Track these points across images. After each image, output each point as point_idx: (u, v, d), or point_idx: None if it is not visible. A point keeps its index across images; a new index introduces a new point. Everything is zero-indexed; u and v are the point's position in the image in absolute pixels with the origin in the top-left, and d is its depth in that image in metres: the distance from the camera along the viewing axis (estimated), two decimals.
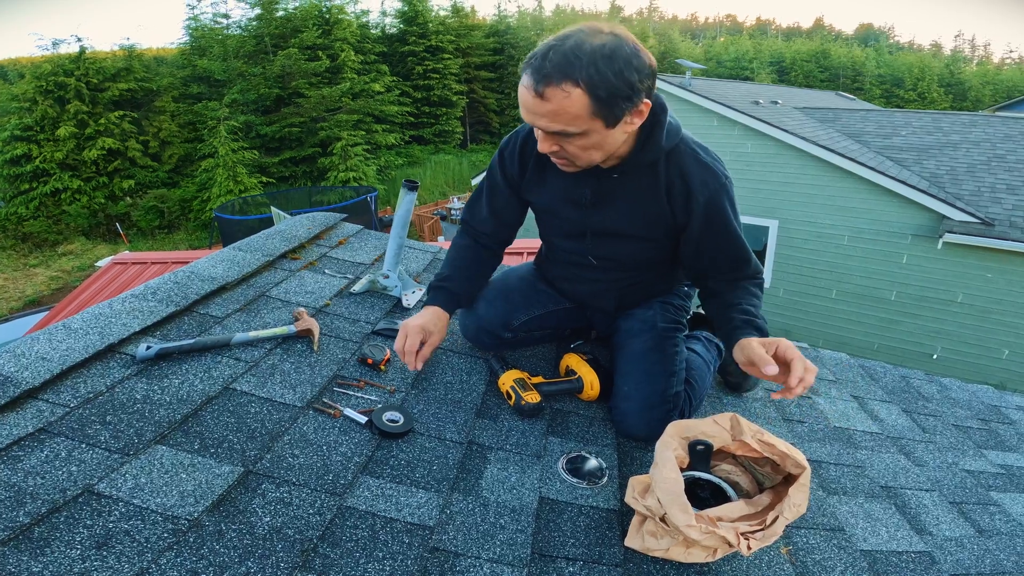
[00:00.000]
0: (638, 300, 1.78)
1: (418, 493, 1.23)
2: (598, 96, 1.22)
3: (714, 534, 1.05)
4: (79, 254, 18.66)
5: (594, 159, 1.38)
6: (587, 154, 1.35)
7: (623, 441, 1.59)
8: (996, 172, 9.37)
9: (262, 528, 1.04)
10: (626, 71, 1.22)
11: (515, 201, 1.72)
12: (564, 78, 1.20)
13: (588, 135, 1.29)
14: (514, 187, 1.69)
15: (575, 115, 1.24)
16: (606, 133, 1.30)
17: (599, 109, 1.24)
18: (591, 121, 1.26)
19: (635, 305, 1.78)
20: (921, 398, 2.43)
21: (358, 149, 22.71)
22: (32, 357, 1.32)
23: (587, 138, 1.30)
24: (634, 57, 1.23)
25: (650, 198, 1.50)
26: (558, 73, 1.20)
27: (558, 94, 1.21)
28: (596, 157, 1.37)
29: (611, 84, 1.21)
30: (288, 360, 1.57)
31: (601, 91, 1.21)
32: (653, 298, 1.78)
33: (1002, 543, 1.56)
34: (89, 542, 0.93)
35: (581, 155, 1.36)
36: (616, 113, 1.26)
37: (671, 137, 1.44)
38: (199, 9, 31.52)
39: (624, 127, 1.31)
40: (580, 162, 1.38)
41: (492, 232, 1.80)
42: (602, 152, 1.37)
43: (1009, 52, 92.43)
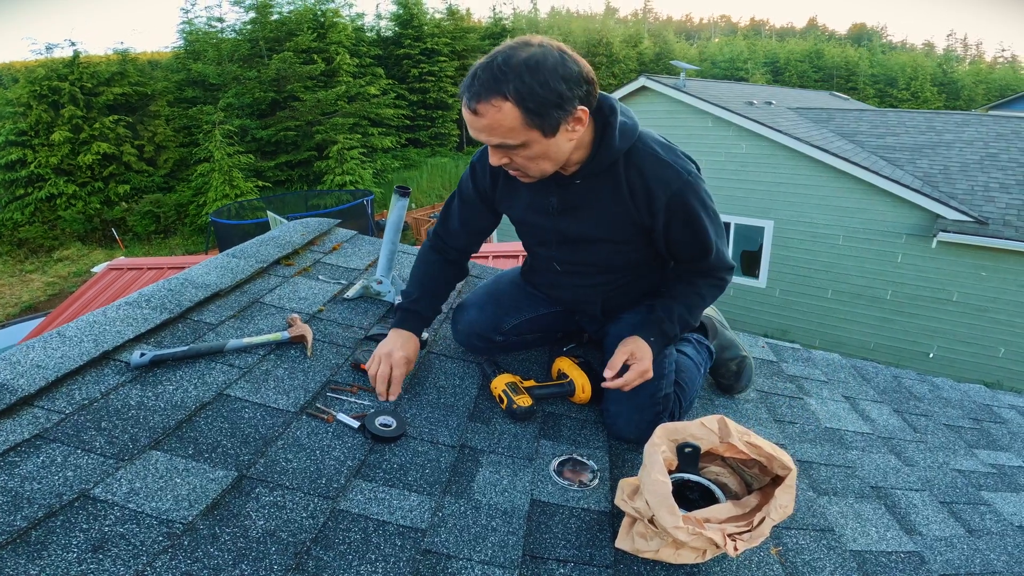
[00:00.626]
0: (625, 303, 1.79)
1: (411, 496, 1.24)
2: (527, 107, 1.26)
3: (701, 535, 1.07)
4: (75, 260, 18.62)
5: (545, 169, 1.41)
6: (536, 164, 1.38)
7: (614, 443, 1.60)
8: (989, 171, 9.42)
9: (256, 531, 1.06)
10: (552, 81, 1.25)
11: (487, 213, 1.76)
12: (493, 93, 1.25)
13: (529, 146, 1.33)
14: (486, 200, 1.72)
15: (509, 127, 1.28)
16: (548, 143, 1.34)
17: (531, 120, 1.28)
18: (527, 132, 1.30)
19: (623, 308, 1.79)
20: (913, 398, 2.45)
21: (354, 152, 22.69)
22: (27, 365, 1.33)
23: (529, 149, 1.34)
24: (560, 66, 1.27)
25: (614, 201, 1.52)
26: (486, 90, 1.25)
27: (490, 110, 1.27)
28: (547, 167, 1.40)
29: (538, 95, 1.25)
30: (282, 366, 1.58)
31: (530, 102, 1.26)
32: (641, 301, 1.80)
33: (992, 543, 1.57)
34: (85, 546, 0.95)
35: (531, 166, 1.38)
36: (550, 123, 1.30)
37: (626, 137, 1.45)
38: (193, 13, 31.52)
39: (567, 135, 1.35)
40: (532, 172, 1.41)
41: (463, 247, 1.83)
42: (551, 162, 1.39)
43: (1001, 51, 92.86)
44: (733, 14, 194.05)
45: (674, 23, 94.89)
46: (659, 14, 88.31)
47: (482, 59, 1.30)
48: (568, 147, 1.38)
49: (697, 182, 1.50)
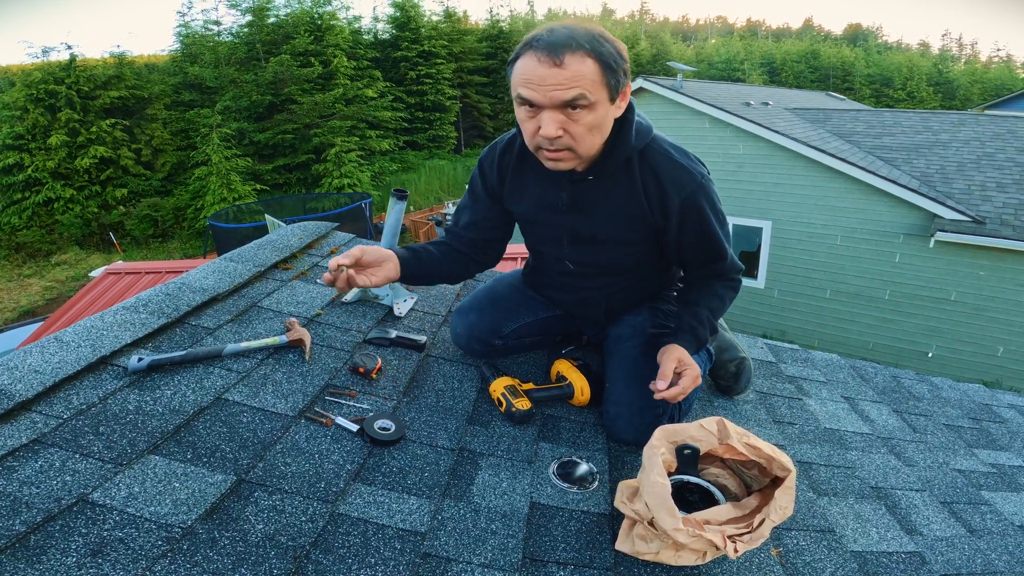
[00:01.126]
0: (627, 307, 1.79)
1: (410, 500, 1.24)
2: (607, 64, 1.29)
3: (701, 537, 1.07)
4: (73, 264, 18.60)
5: (593, 145, 1.39)
6: (590, 135, 1.36)
7: (613, 446, 1.60)
8: (986, 171, 9.44)
9: (255, 535, 1.05)
10: (616, 48, 1.31)
11: (497, 212, 1.74)
12: (578, 47, 1.26)
13: (596, 108, 1.32)
14: (495, 197, 1.71)
15: (592, 80, 1.28)
16: (607, 110, 1.35)
17: (607, 78, 1.30)
18: (602, 90, 1.30)
19: (625, 312, 1.79)
20: (912, 398, 2.45)
21: (352, 155, 22.70)
22: (25, 370, 1.33)
23: (594, 112, 1.32)
24: (616, 42, 1.33)
25: (628, 199, 1.52)
26: (572, 42, 1.26)
27: (575, 61, 1.26)
28: (596, 142, 1.39)
29: (612, 56, 1.30)
30: (280, 370, 1.58)
31: (608, 60, 1.29)
32: (642, 303, 1.80)
33: (993, 542, 1.57)
34: (84, 550, 0.94)
35: (585, 136, 1.35)
36: (616, 86, 1.33)
37: (642, 136, 1.48)
38: (190, 16, 31.50)
39: (616, 109, 1.37)
40: (581, 147, 1.37)
41: (472, 240, 1.78)
42: (600, 136, 1.38)
43: (996, 50, 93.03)
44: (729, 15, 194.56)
45: (671, 24, 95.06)
46: (656, 15, 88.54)
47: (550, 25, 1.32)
48: (610, 124, 1.39)
49: (709, 185, 1.51)
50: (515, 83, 1.33)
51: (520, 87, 1.31)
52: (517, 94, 1.33)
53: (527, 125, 1.37)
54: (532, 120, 1.35)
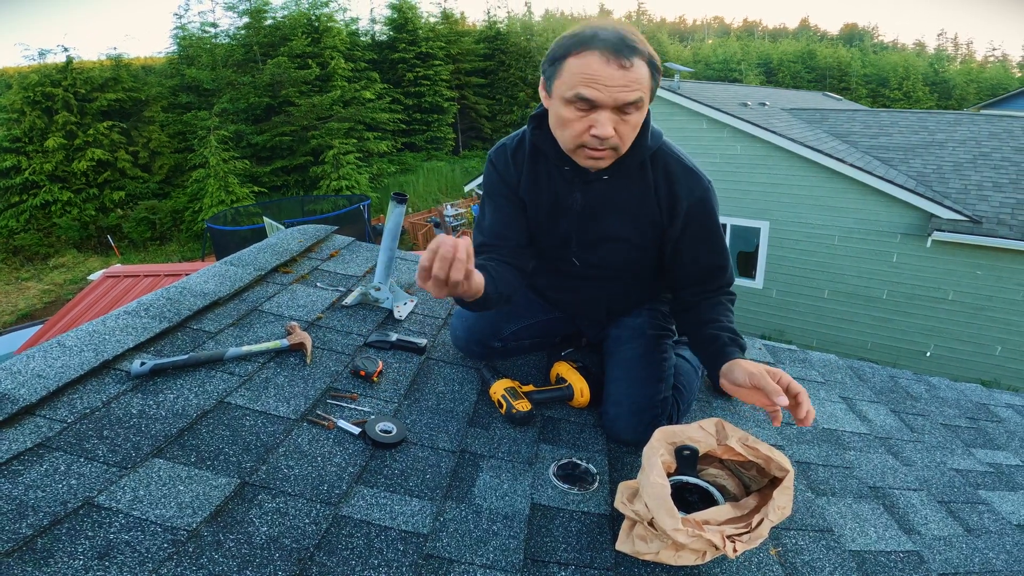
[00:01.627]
0: (628, 307, 1.80)
1: (412, 501, 1.25)
2: (655, 67, 1.35)
3: (701, 538, 1.08)
4: (71, 267, 18.59)
5: (630, 138, 1.41)
6: (633, 135, 1.40)
7: (613, 447, 1.61)
8: (982, 170, 9.47)
9: (259, 538, 1.06)
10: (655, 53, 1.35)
11: (517, 199, 1.64)
12: (638, 51, 1.30)
13: (642, 107, 1.36)
14: (512, 187, 1.64)
15: (646, 84, 1.34)
16: (646, 110, 1.40)
17: (653, 81, 1.36)
18: (649, 92, 1.36)
19: (624, 313, 1.81)
20: (909, 398, 2.46)
21: (350, 157, 22.73)
22: (28, 374, 1.34)
23: (641, 111, 1.37)
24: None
25: (639, 200, 1.54)
26: (636, 47, 1.30)
27: (637, 62, 1.30)
28: (632, 136, 1.41)
29: (656, 59, 1.35)
30: (281, 373, 1.59)
31: (655, 63, 1.35)
32: (642, 305, 1.81)
33: (991, 542, 1.58)
34: (91, 553, 0.95)
35: (630, 136, 1.39)
36: (655, 89, 1.38)
37: (654, 139, 1.51)
38: (187, 18, 31.46)
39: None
40: (624, 147, 1.40)
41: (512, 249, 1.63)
42: (635, 134, 1.42)
43: (992, 50, 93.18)
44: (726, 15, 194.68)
45: (667, 25, 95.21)
46: (653, 16, 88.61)
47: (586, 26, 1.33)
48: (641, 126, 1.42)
49: (714, 193, 1.55)
50: (572, 81, 1.31)
51: (582, 86, 1.30)
52: (576, 93, 1.31)
53: (576, 125, 1.36)
54: (583, 119, 1.34)
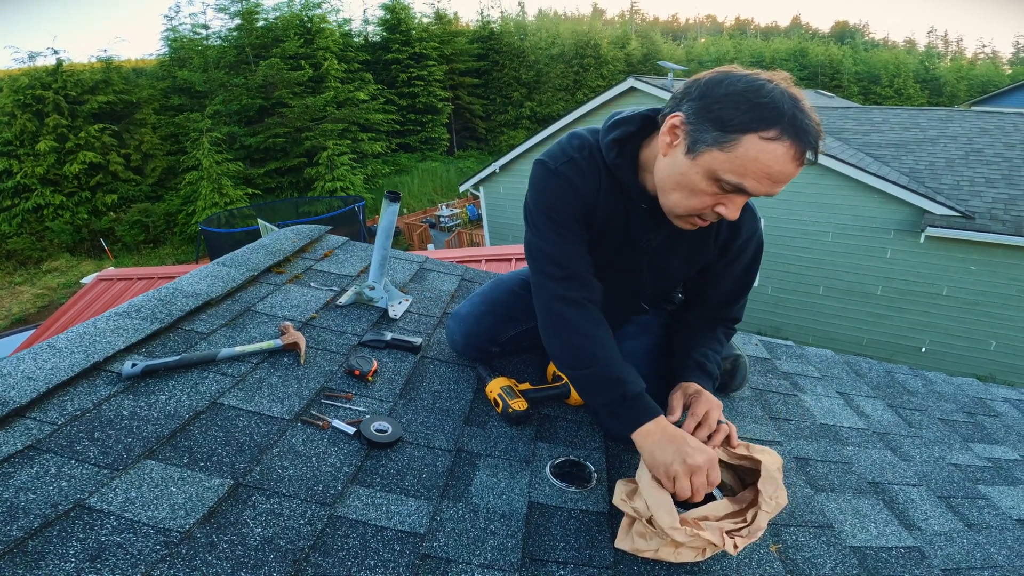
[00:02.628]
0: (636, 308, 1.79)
1: (408, 501, 1.23)
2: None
3: (699, 537, 1.07)
4: (64, 271, 18.50)
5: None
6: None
7: (611, 444, 1.60)
8: (974, 166, 9.50)
9: (254, 539, 1.05)
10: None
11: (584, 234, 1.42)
12: (812, 151, 1.12)
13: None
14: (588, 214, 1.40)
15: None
16: None
17: None
18: None
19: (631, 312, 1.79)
20: (906, 392, 2.46)
21: (344, 158, 22.68)
22: (18, 377, 1.32)
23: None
24: None
25: (702, 242, 1.48)
26: (818, 138, 1.12)
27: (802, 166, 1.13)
28: None
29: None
30: (275, 374, 1.57)
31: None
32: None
33: (992, 537, 1.57)
34: (83, 555, 0.94)
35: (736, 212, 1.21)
36: None
37: None
38: (177, 20, 31.31)
39: None
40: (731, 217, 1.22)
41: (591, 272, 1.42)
42: None
43: (982, 47, 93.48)
44: (719, 14, 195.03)
45: (661, 24, 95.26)
46: (646, 15, 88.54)
47: (791, 93, 1.12)
48: None
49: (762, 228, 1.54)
50: (744, 169, 1.11)
51: (752, 179, 1.12)
52: (739, 184, 1.13)
53: (704, 199, 1.19)
54: (715, 197, 1.18)
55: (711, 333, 1.61)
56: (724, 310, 1.62)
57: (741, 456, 1.27)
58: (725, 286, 1.58)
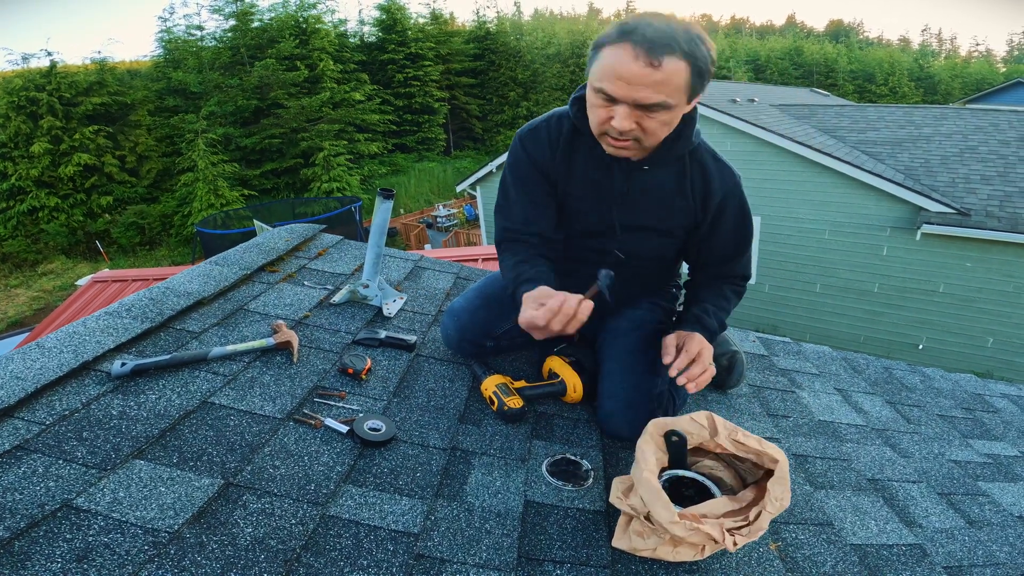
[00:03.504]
0: (634, 297, 1.78)
1: (402, 500, 1.21)
2: (698, 70, 1.27)
3: (699, 531, 1.05)
4: (59, 273, 18.43)
5: (659, 139, 1.38)
6: (660, 131, 1.35)
7: (608, 442, 1.59)
8: (969, 163, 9.51)
9: (244, 539, 1.03)
10: (711, 52, 1.29)
11: (547, 184, 1.59)
12: (675, 50, 1.22)
13: (672, 109, 1.30)
14: (544, 170, 1.58)
15: (677, 86, 1.26)
16: (682, 110, 1.35)
17: (693, 83, 1.28)
18: (684, 94, 1.29)
19: (631, 304, 1.78)
20: (904, 389, 2.45)
21: (340, 159, 22.63)
22: (6, 376, 1.30)
23: (671, 112, 1.31)
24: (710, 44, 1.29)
25: (677, 192, 1.55)
26: (673, 43, 1.21)
27: (671, 62, 1.22)
28: (661, 134, 1.37)
29: (706, 60, 1.27)
30: (267, 373, 1.56)
31: (701, 65, 1.26)
32: (645, 297, 1.79)
33: (994, 534, 1.56)
34: (69, 555, 0.92)
35: (656, 132, 1.34)
36: (698, 90, 1.31)
37: (696, 135, 1.52)
38: (172, 21, 31.20)
39: (687, 110, 1.37)
40: (648, 141, 1.36)
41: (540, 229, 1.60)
42: (668, 131, 1.38)
43: (976, 45, 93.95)
44: (714, 13, 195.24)
45: None
46: None
47: (632, 18, 1.25)
48: (677, 121, 1.38)
49: (742, 186, 1.58)
50: (600, 72, 1.28)
51: (604, 80, 1.27)
52: (599, 86, 1.28)
53: (599, 112, 1.34)
54: (605, 109, 1.32)
55: (715, 290, 1.66)
56: (725, 267, 1.66)
57: (752, 449, 1.24)
58: (720, 244, 1.63)
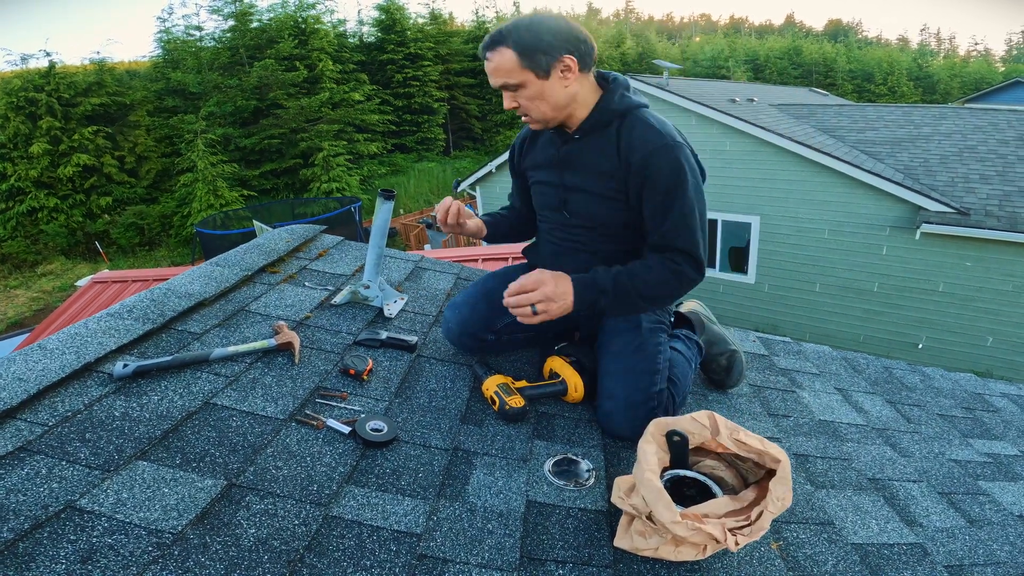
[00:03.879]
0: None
1: (404, 501, 1.22)
2: (522, 51, 1.54)
3: (701, 531, 1.05)
4: (59, 274, 18.40)
5: (545, 111, 1.62)
6: (536, 105, 1.61)
7: (609, 442, 1.59)
8: (968, 163, 9.51)
9: (247, 540, 1.03)
10: (543, 33, 1.54)
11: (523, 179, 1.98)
12: (497, 43, 1.57)
13: (527, 86, 1.58)
14: (516, 165, 1.98)
15: (509, 68, 1.56)
16: (542, 84, 1.58)
17: (524, 61, 1.55)
18: (523, 73, 1.56)
19: None
20: (904, 388, 2.45)
21: (340, 159, 22.59)
22: (8, 378, 1.30)
23: (527, 89, 1.59)
24: (554, 23, 1.57)
25: (605, 157, 1.66)
26: (493, 40, 1.58)
27: (496, 54, 1.57)
28: (545, 109, 1.62)
29: (528, 42, 1.54)
30: (269, 373, 1.56)
31: (526, 47, 1.54)
32: None
33: (994, 533, 1.56)
34: (74, 557, 0.92)
35: (532, 106, 1.62)
36: (540, 64, 1.55)
37: (624, 101, 1.65)
38: (170, 22, 31.11)
39: (560, 80, 1.58)
40: (534, 114, 1.63)
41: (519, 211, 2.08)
42: (548, 104, 1.61)
43: (975, 45, 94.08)
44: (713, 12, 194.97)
45: (655, 23, 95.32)
46: (640, 14, 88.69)
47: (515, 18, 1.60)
48: (563, 93, 1.60)
49: (677, 150, 1.57)
50: None
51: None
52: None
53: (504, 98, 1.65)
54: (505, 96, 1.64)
55: (644, 260, 1.63)
56: (656, 235, 1.61)
57: (754, 449, 1.24)
58: (650, 208, 1.61)
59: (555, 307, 1.54)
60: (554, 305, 1.54)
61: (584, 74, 1.61)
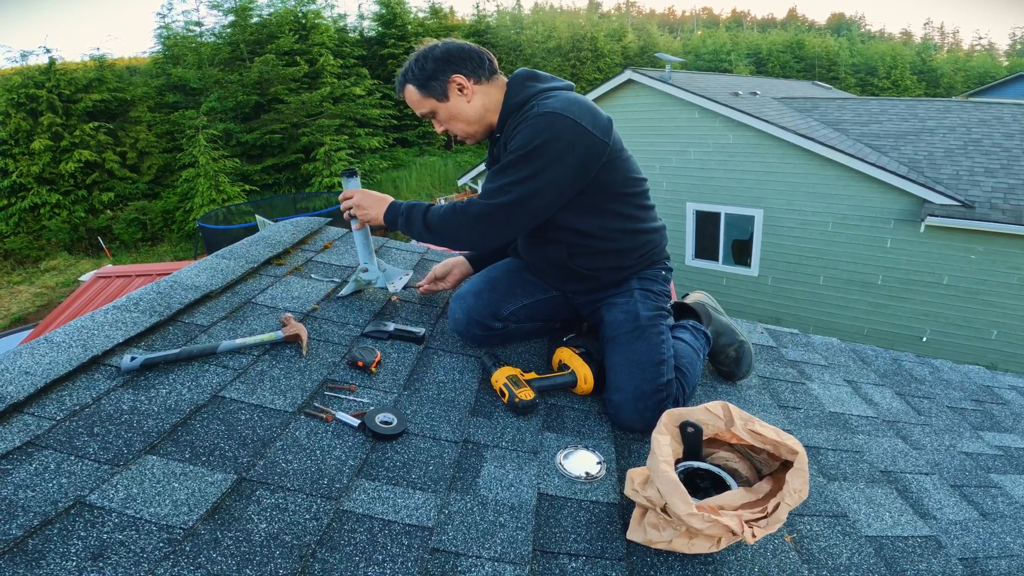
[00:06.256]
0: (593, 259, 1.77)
1: (415, 494, 1.21)
2: (419, 84, 1.74)
3: (717, 523, 1.04)
4: (62, 270, 18.39)
5: (463, 127, 1.78)
6: (453, 124, 1.78)
7: (620, 434, 1.58)
8: (973, 156, 9.47)
9: (259, 535, 1.02)
10: (427, 64, 1.72)
11: None
12: (402, 84, 1.78)
13: (437, 111, 1.77)
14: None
15: (416, 101, 1.77)
16: (448, 105, 1.74)
17: (424, 92, 1.74)
18: (427, 101, 1.75)
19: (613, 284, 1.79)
20: (914, 380, 2.44)
21: (341, 154, 22.53)
22: (15, 372, 1.29)
23: (440, 113, 1.77)
24: (438, 51, 1.73)
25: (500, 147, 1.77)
26: (400, 82, 1.79)
27: (404, 94, 1.79)
28: (462, 126, 1.78)
29: (419, 75, 1.73)
30: (277, 366, 1.55)
31: (419, 81, 1.74)
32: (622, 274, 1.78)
33: (1007, 526, 1.55)
34: (84, 553, 0.91)
35: (451, 126, 1.79)
36: (436, 90, 1.73)
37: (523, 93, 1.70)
38: (170, 18, 31.03)
39: (461, 97, 1.73)
40: (456, 131, 1.80)
41: None
42: (462, 121, 1.76)
43: (978, 39, 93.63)
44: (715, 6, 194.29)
45: (657, 17, 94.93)
46: (642, 8, 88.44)
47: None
48: (469, 107, 1.74)
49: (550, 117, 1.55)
50: None
51: None
52: None
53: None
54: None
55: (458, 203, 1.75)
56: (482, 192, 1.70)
57: (769, 440, 1.23)
58: (499, 167, 1.66)
59: (364, 213, 1.85)
60: (364, 212, 1.84)
61: (485, 84, 1.75)
